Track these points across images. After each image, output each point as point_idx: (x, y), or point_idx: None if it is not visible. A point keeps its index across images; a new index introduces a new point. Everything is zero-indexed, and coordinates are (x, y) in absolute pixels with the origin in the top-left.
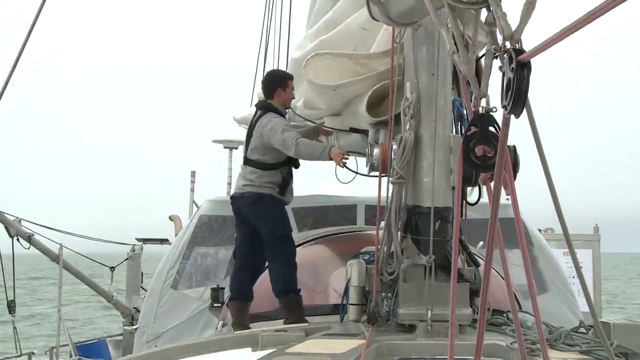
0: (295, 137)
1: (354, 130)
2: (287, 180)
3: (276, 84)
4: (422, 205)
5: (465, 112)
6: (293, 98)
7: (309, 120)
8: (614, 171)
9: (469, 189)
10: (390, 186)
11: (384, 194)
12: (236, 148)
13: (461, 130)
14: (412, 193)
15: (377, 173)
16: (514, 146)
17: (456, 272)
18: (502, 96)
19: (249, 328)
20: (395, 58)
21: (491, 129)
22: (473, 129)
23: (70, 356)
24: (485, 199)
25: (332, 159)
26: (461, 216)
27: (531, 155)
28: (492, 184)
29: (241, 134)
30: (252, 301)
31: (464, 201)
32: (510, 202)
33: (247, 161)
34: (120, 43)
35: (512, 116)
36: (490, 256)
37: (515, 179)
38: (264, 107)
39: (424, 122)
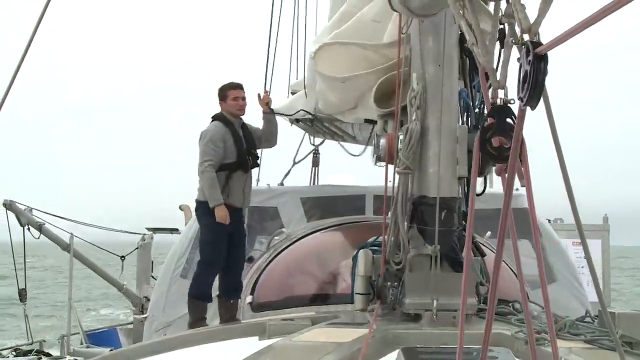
0: (204, 165)
1: (368, 121)
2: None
3: (219, 97)
4: (428, 195)
5: (470, 103)
6: (240, 104)
7: (329, 117)
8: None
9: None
10: (397, 176)
11: (390, 184)
12: None
13: (467, 121)
14: (418, 183)
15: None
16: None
17: (468, 264)
18: (518, 88)
19: None
20: (402, 49)
21: (509, 120)
22: (490, 120)
23: (81, 344)
24: (491, 189)
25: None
26: (467, 206)
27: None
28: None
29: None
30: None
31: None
32: (518, 192)
33: None
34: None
35: (528, 108)
36: (502, 246)
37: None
38: (214, 116)
39: (430, 112)
